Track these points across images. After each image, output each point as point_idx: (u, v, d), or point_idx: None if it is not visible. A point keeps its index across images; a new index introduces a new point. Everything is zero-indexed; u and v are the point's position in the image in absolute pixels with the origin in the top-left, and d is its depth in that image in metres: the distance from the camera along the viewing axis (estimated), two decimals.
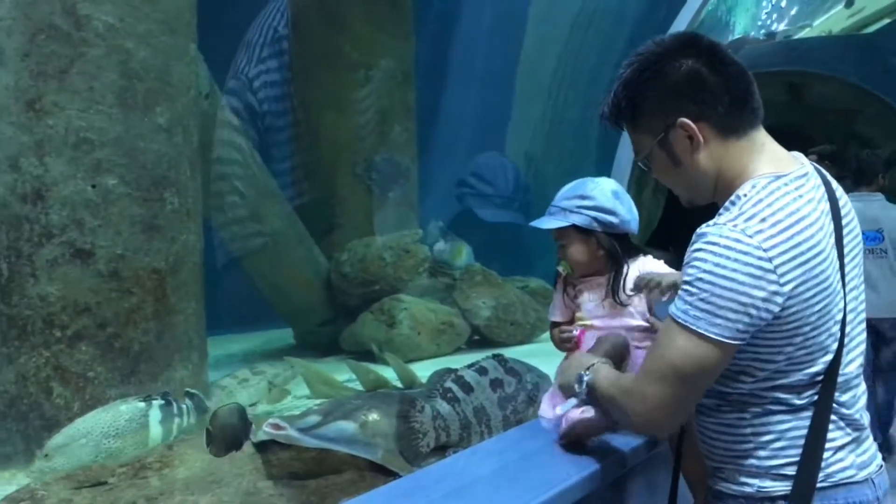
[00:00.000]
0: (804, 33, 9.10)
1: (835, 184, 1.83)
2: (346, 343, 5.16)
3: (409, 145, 5.91)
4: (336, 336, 5.26)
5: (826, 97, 7.24)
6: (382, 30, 5.68)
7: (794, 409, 1.72)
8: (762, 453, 1.73)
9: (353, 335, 5.08)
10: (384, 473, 2.30)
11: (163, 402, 2.69)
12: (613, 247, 2.49)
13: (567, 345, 2.56)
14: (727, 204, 1.72)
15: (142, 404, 2.62)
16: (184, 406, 2.78)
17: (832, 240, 1.71)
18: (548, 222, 2.49)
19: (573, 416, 2.19)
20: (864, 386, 1.83)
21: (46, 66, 2.82)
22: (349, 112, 5.64)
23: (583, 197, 2.47)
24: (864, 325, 1.82)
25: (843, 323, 1.74)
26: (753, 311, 1.60)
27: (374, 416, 2.43)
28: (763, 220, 1.63)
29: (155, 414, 2.61)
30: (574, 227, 2.46)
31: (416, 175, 6.00)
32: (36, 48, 2.82)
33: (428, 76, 6.13)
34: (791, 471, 1.71)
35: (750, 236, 1.61)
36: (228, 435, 2.23)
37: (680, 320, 1.65)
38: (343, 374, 4.16)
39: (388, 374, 3.79)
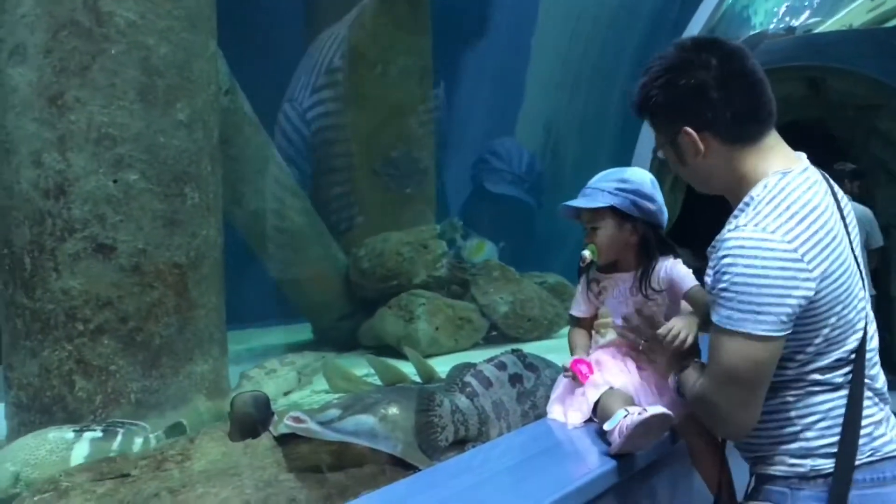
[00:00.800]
0: (824, 27, 9.00)
1: (829, 179, 1.95)
2: (365, 338, 5.16)
3: (426, 141, 5.88)
4: (354, 331, 5.27)
5: (846, 92, 7.13)
6: (401, 27, 5.67)
7: (834, 388, 1.82)
8: (809, 434, 1.83)
9: (372, 330, 5.08)
10: (404, 467, 2.30)
11: (100, 434, 2.58)
12: (648, 234, 2.48)
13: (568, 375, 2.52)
14: (741, 206, 1.83)
15: (70, 435, 2.53)
16: (135, 438, 2.64)
17: (842, 225, 1.84)
18: (585, 202, 2.47)
19: (630, 424, 2.12)
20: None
21: (69, 63, 2.83)
22: (367, 108, 5.63)
23: (623, 180, 2.46)
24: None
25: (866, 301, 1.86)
26: (792, 301, 1.70)
27: (393, 410, 2.42)
28: (780, 214, 1.74)
29: (81, 448, 2.49)
30: (612, 209, 2.44)
31: (433, 171, 5.97)
32: (58, 44, 2.83)
33: (444, 72, 6.10)
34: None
35: (772, 232, 1.72)
36: (244, 422, 2.23)
37: (727, 327, 1.75)
38: (362, 368, 4.16)
39: (407, 368, 3.80)
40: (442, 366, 3.64)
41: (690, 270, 2.46)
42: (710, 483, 2.30)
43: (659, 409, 2.11)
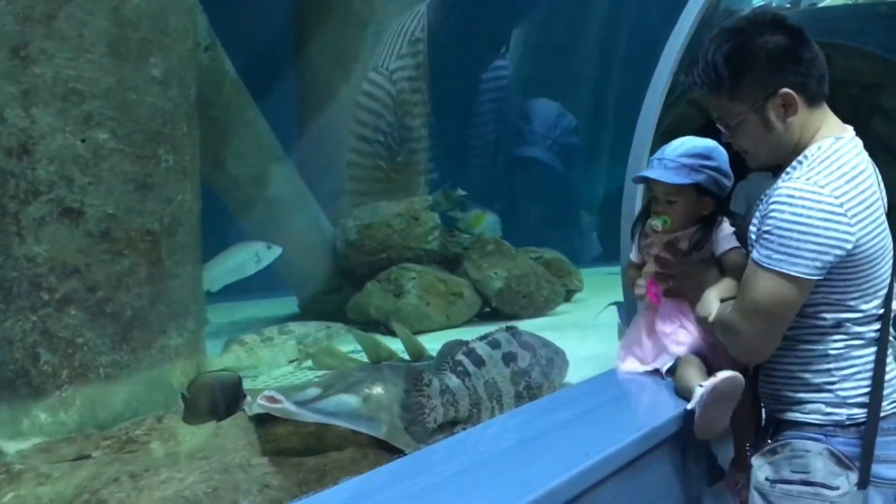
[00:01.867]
0: (830, 1, 8.85)
1: None
2: (352, 313, 5.07)
3: (420, 108, 5.75)
4: (342, 305, 5.19)
5: (851, 69, 6.99)
6: None
7: (868, 343, 2.04)
8: (847, 385, 2.04)
9: (359, 305, 5.00)
10: (388, 451, 2.23)
11: None
12: (720, 210, 2.56)
13: (642, 295, 2.69)
14: (794, 164, 2.04)
15: None
16: None
17: (880, 192, 2.06)
18: (668, 175, 2.51)
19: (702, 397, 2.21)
20: None
21: (33, 10, 2.67)
22: (357, 71, 5.49)
23: (705, 157, 2.51)
24: None
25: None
26: (828, 251, 1.91)
27: (378, 390, 2.35)
28: (832, 173, 1.95)
29: None
30: (695, 186, 2.50)
31: (427, 139, 5.85)
32: None
33: (440, 36, 5.96)
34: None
35: (822, 187, 1.92)
36: (204, 404, 2.11)
37: (764, 264, 1.97)
38: (348, 344, 4.07)
39: (395, 345, 3.71)
40: (432, 343, 3.59)
41: (733, 231, 2.55)
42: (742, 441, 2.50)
43: (727, 372, 2.19)
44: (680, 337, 2.63)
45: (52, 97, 2.73)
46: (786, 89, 2.01)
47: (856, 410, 2.03)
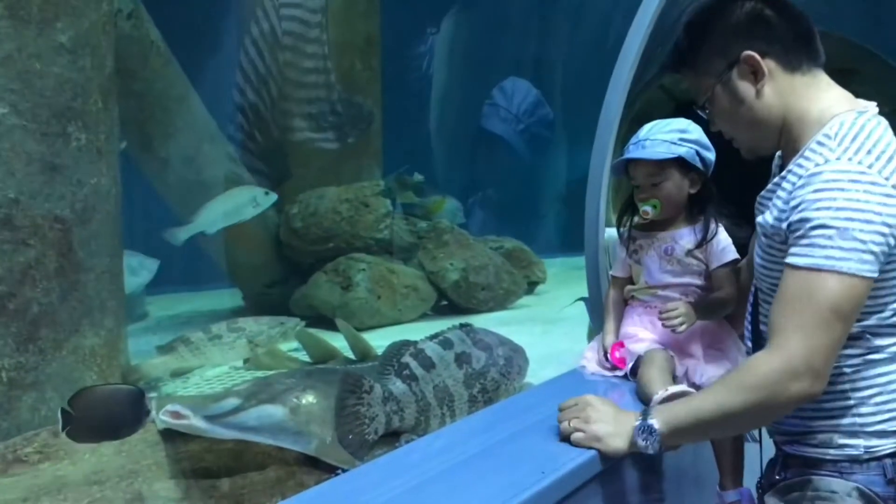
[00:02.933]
0: None
1: None
2: (298, 307, 4.89)
3: (372, 85, 5.52)
4: (287, 298, 5.00)
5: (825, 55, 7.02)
6: None
7: (891, 359, 1.76)
8: (864, 410, 1.77)
9: (305, 298, 4.82)
10: (320, 469, 2.04)
11: None
12: (709, 188, 2.51)
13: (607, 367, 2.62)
14: (815, 144, 1.78)
15: None
16: None
17: None
18: (651, 153, 2.46)
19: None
20: None
21: None
22: (301, 46, 5.25)
23: (683, 130, 2.48)
24: None
25: None
26: (891, 240, 1.66)
27: (308, 399, 2.17)
28: (869, 151, 1.71)
29: None
30: (677, 160, 2.45)
31: (379, 119, 5.63)
32: None
33: (394, 8, 5.76)
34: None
35: (869, 167, 1.68)
36: (91, 422, 1.86)
37: (825, 268, 1.66)
38: (289, 342, 3.87)
39: (341, 343, 3.52)
40: (381, 340, 3.49)
41: (730, 241, 2.51)
42: (724, 461, 2.42)
43: (679, 387, 2.12)
44: (641, 334, 2.56)
45: None
46: (748, 52, 1.84)
47: (875, 441, 1.76)
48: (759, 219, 1.91)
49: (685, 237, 2.54)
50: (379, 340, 3.49)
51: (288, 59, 5.14)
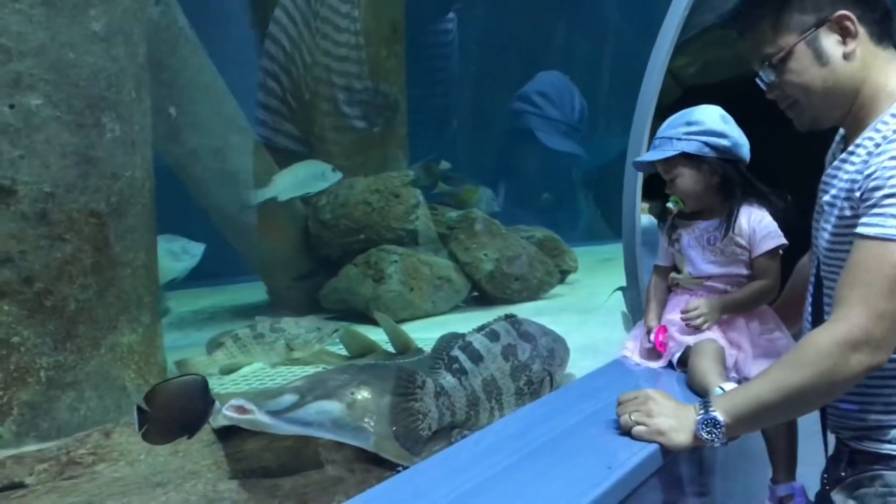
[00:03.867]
0: None
1: None
2: (327, 300, 4.85)
3: (397, 73, 5.48)
4: (315, 292, 4.95)
5: None
6: None
7: None
8: None
9: (336, 291, 4.77)
10: (378, 465, 2.02)
11: None
12: (729, 171, 2.52)
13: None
14: (887, 118, 1.77)
15: None
16: None
17: None
18: (655, 154, 2.54)
19: None
20: None
21: None
22: (335, 34, 5.19)
23: (689, 123, 2.52)
24: None
25: None
26: None
27: (363, 394, 2.14)
28: None
29: None
30: (683, 155, 2.50)
31: (404, 107, 5.59)
32: None
33: None
34: None
35: None
36: (172, 417, 1.81)
37: (894, 238, 1.64)
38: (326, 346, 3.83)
39: (377, 336, 3.48)
40: (418, 333, 3.49)
41: (776, 227, 2.52)
42: (778, 455, 2.41)
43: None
44: (694, 321, 2.57)
45: None
46: (844, 12, 1.84)
47: None
48: (826, 198, 1.89)
49: (720, 227, 2.57)
50: (414, 333, 3.45)
51: (322, 45, 5.10)
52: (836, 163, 1.91)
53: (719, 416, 1.81)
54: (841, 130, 2.06)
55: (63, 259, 2.66)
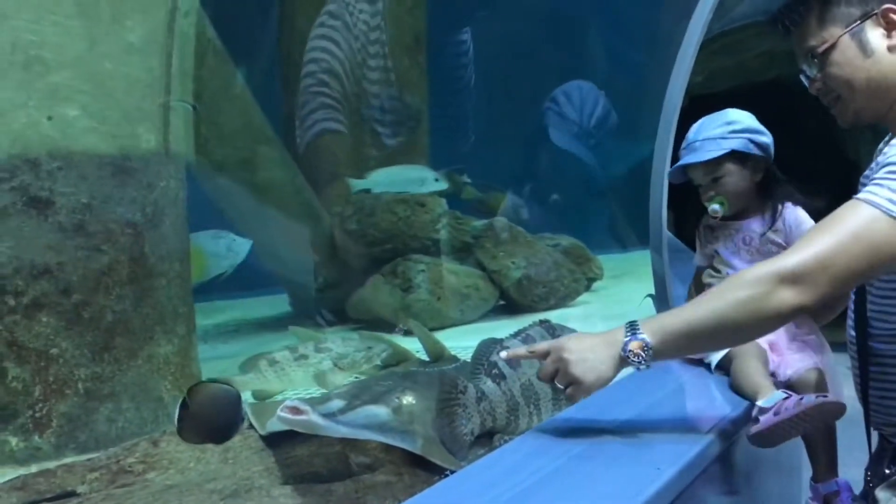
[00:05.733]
0: None
1: None
2: (354, 310, 4.87)
3: (420, 83, 5.51)
4: (340, 302, 4.97)
5: None
6: None
7: None
8: None
9: (363, 301, 4.79)
10: (424, 469, 2.02)
11: None
12: (771, 168, 2.57)
13: None
14: None
15: None
16: None
17: None
18: (702, 155, 2.52)
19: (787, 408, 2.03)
20: None
21: None
22: (349, 42, 5.23)
23: (729, 122, 2.54)
24: None
25: None
26: None
27: (409, 399, 2.16)
28: None
29: None
30: (731, 154, 2.51)
31: (426, 117, 5.62)
32: None
33: (440, 4, 5.75)
34: None
35: None
36: (210, 419, 1.82)
37: (872, 203, 1.67)
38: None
39: (409, 345, 3.48)
40: (449, 341, 3.40)
41: (813, 223, 2.42)
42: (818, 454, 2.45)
43: (836, 398, 2.04)
44: None
45: (10, 67, 2.50)
46: (889, 4, 1.85)
47: None
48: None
49: (760, 225, 2.58)
50: (445, 342, 3.45)
51: (357, 59, 5.15)
52: (873, 163, 1.90)
53: (647, 336, 1.77)
54: None
55: (100, 270, 2.68)
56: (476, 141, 7.46)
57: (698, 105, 2.98)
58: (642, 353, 1.77)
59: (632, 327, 1.81)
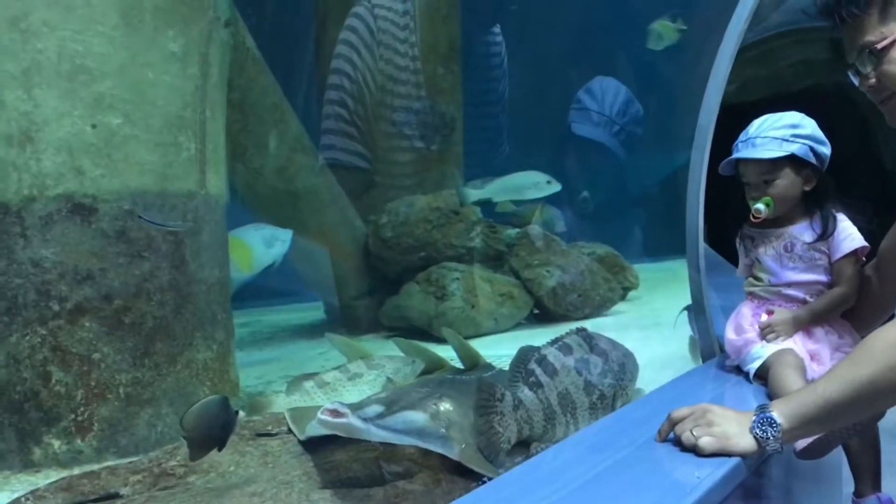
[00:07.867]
0: None
1: None
2: (388, 318, 4.87)
3: (454, 91, 5.51)
4: (374, 310, 4.98)
5: None
6: None
7: None
8: None
9: (397, 309, 4.78)
10: (461, 475, 2.01)
11: None
12: (826, 182, 2.51)
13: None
14: None
15: None
16: None
17: None
18: (761, 152, 2.45)
19: None
20: None
21: None
22: (394, 54, 5.26)
23: (795, 126, 2.47)
24: None
25: None
26: None
27: (446, 406, 2.16)
28: None
29: None
30: (791, 158, 2.45)
31: (461, 125, 5.62)
32: None
33: (474, 11, 5.74)
34: None
35: None
36: (203, 435, 1.85)
37: None
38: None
39: (443, 353, 3.48)
40: (483, 350, 3.38)
41: (856, 230, 2.49)
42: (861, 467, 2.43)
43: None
44: (750, 334, 2.59)
45: (56, 76, 2.54)
46: None
47: None
48: None
49: (804, 232, 2.53)
50: (479, 350, 3.43)
51: (382, 67, 5.16)
52: None
53: (775, 415, 1.77)
54: None
55: (141, 276, 2.71)
56: (510, 150, 7.44)
57: (732, 114, 2.95)
58: (770, 430, 1.80)
59: (761, 407, 1.84)
